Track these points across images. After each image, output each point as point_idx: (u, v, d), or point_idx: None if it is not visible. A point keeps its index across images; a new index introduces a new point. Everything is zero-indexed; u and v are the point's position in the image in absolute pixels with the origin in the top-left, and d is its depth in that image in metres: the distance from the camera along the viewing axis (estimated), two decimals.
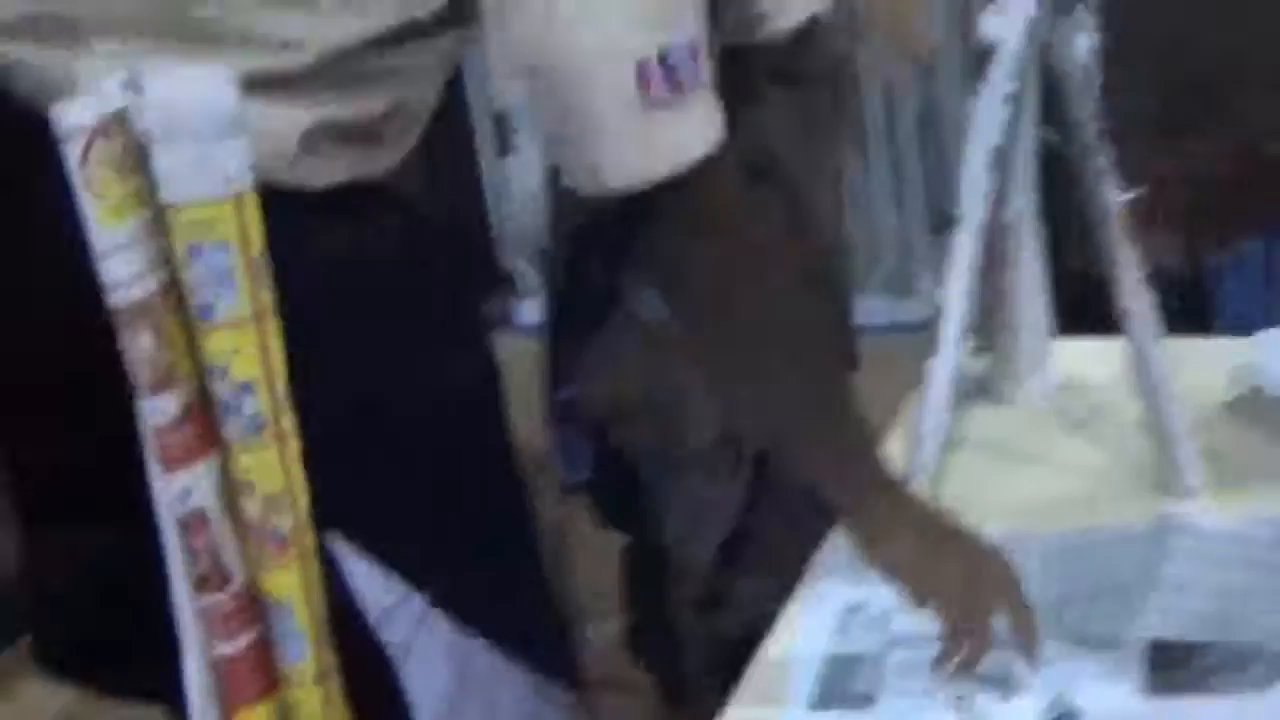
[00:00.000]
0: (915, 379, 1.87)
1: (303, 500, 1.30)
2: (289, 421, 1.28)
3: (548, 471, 2.91)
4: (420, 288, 1.59)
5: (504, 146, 4.82)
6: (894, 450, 1.84)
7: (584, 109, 1.40)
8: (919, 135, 4.49)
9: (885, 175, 4.52)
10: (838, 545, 1.67)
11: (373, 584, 1.53)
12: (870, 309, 4.11)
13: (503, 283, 4.83)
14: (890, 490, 1.61)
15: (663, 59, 1.38)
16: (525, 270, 4.83)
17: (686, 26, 1.41)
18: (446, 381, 1.58)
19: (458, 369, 1.61)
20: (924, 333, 1.83)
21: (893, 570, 1.56)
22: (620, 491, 2.58)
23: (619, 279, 2.35)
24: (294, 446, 1.29)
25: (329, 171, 1.48)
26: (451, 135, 1.82)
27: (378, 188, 1.54)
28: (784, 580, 1.73)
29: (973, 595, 1.52)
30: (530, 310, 4.74)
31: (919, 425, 1.78)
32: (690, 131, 1.42)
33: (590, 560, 2.83)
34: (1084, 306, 1.88)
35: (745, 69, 2.16)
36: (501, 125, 4.77)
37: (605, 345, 2.45)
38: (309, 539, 1.32)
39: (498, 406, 1.68)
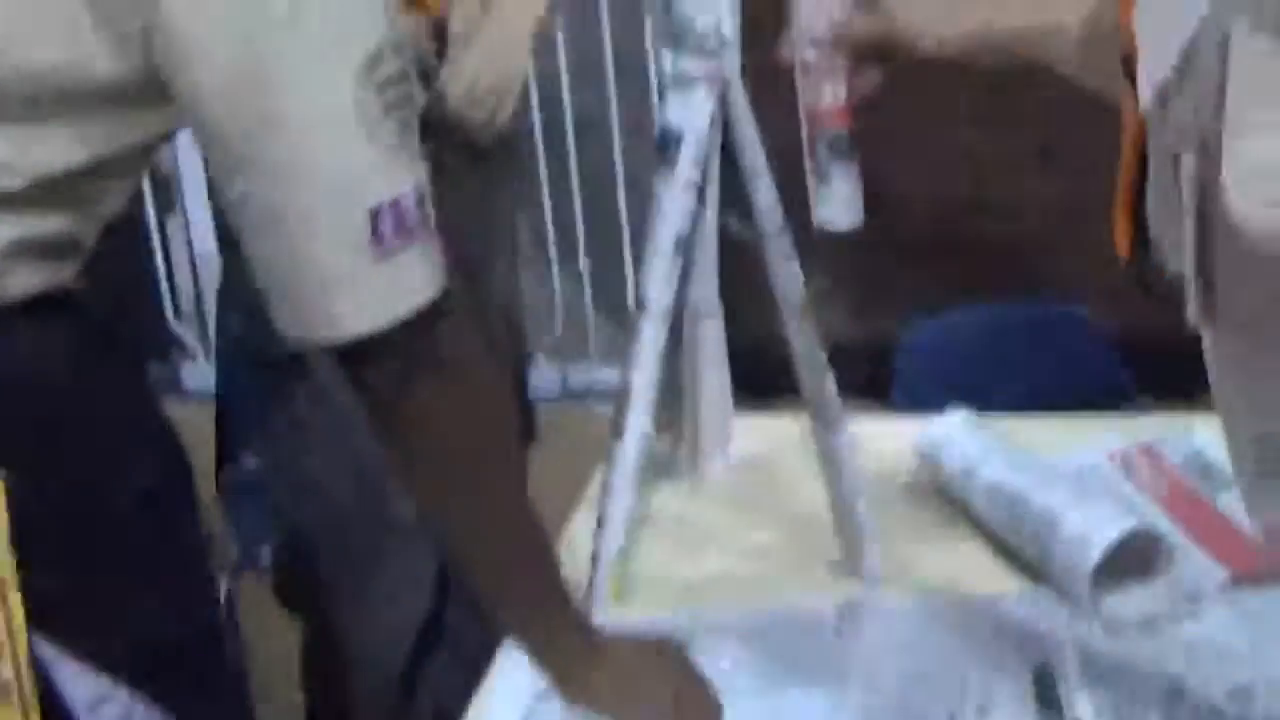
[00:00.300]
0: (588, 446, 1.87)
1: (23, 649, 1.25)
2: (9, 569, 1.23)
3: (219, 547, 2.85)
4: (104, 380, 1.56)
5: (167, 206, 4.72)
6: (579, 531, 1.84)
7: (315, 260, 1.39)
8: (584, 199, 4.52)
9: (552, 240, 4.54)
10: None
11: (79, 683, 1.50)
12: (540, 376, 4.12)
13: (166, 346, 4.73)
14: (581, 629, 1.64)
15: (393, 206, 1.38)
16: (188, 334, 4.74)
17: (413, 173, 1.41)
18: (137, 471, 1.56)
19: (146, 456, 1.59)
20: (594, 399, 1.84)
21: (596, 706, 1.58)
22: (302, 575, 2.53)
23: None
24: (14, 596, 1.24)
25: (23, 284, 1.44)
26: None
27: (63, 289, 1.51)
28: (473, 667, 1.72)
29: None
30: (194, 375, 4.65)
31: (604, 509, 1.77)
32: (420, 276, 1.42)
33: (260, 634, 2.78)
34: (767, 377, 1.90)
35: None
36: (165, 185, 4.67)
37: (292, 420, 2.40)
38: (29, 687, 1.27)
39: (188, 491, 1.66)
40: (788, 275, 1.74)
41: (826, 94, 1.51)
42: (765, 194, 1.72)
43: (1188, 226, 0.84)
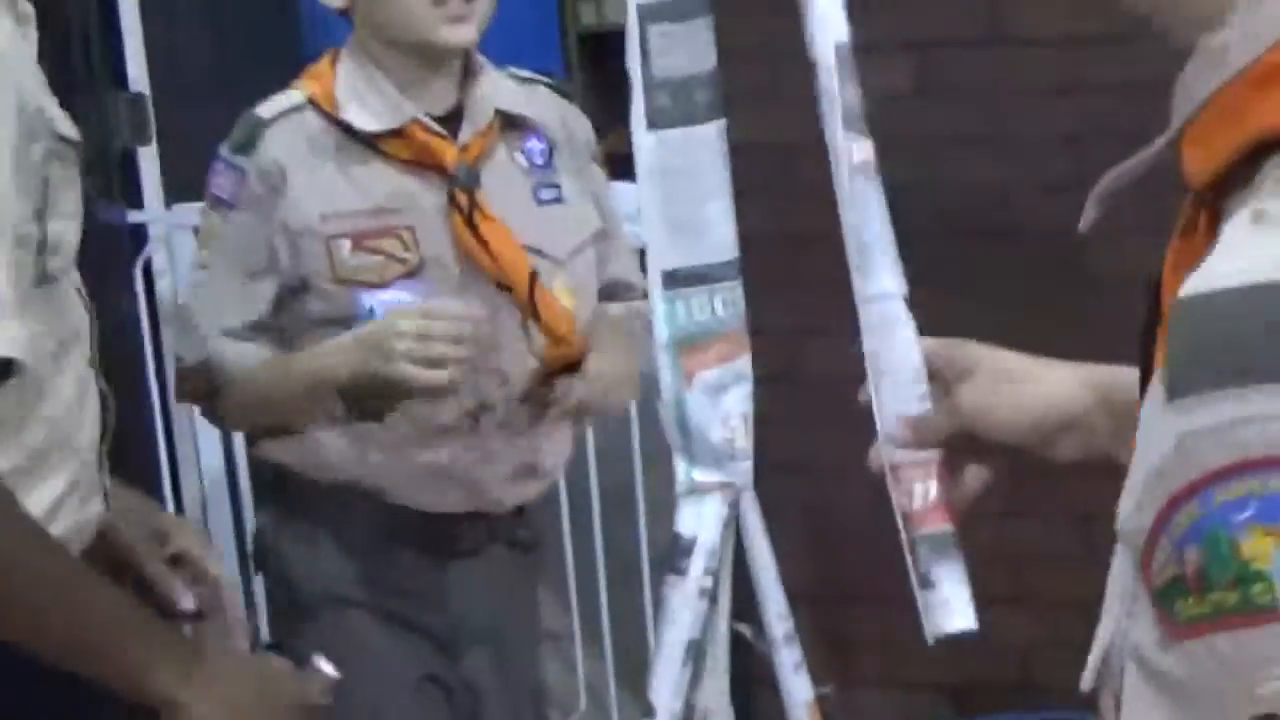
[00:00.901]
0: None
1: None
2: None
3: None
4: None
5: None
6: None
7: None
8: (609, 581, 4.52)
9: (577, 619, 4.53)
10: None
11: None
12: None
13: None
14: (176, 655, 1.62)
15: None
16: None
17: None
18: None
19: None
20: None
21: None
22: None
23: None
24: None
25: None
26: None
27: None
28: None
29: None
30: None
31: None
32: None
33: None
34: None
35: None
36: None
37: None
38: None
39: None
40: (796, 683, 1.75)
41: (919, 494, 1.46)
42: (775, 601, 1.75)
43: None
